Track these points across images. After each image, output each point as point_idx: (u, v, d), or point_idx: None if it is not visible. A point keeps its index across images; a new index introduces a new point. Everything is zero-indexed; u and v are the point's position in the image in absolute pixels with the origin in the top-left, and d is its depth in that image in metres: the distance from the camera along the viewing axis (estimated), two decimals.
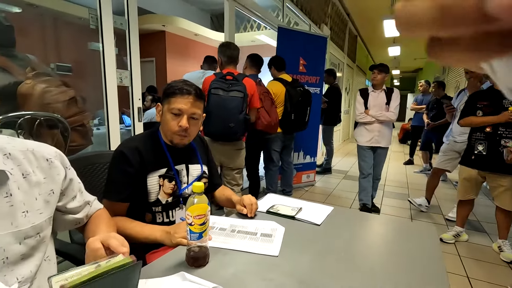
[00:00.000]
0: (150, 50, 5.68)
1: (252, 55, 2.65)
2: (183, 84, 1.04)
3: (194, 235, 0.72)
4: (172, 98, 1.02)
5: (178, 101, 1.01)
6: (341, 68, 7.02)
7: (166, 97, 1.04)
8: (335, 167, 5.05)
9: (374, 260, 0.82)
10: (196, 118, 1.06)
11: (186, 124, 1.01)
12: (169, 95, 1.03)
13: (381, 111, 2.75)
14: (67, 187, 0.74)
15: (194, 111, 1.04)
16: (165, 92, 1.05)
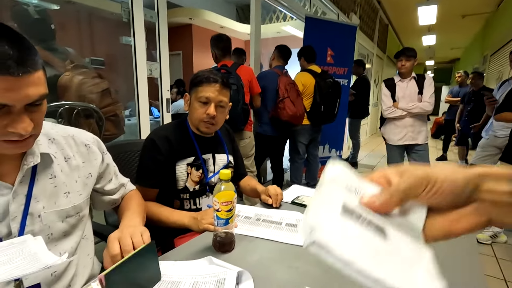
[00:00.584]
0: (177, 43, 5.80)
1: (281, 46, 2.62)
2: (210, 73, 1.06)
3: (220, 221, 0.74)
4: (199, 87, 1.04)
5: (205, 89, 1.03)
6: (370, 59, 6.75)
7: (194, 86, 1.06)
8: (361, 162, 4.91)
9: None
10: (223, 106, 1.08)
11: (213, 112, 1.03)
12: (196, 84, 1.05)
13: (413, 103, 2.45)
14: (104, 171, 0.78)
15: (221, 99, 1.05)
16: (192, 82, 1.08)
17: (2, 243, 0.54)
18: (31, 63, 0.49)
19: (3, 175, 0.58)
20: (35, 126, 0.53)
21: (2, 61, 0.46)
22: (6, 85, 0.47)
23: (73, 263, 0.69)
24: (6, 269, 0.47)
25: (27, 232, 0.59)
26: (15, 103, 0.49)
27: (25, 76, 0.48)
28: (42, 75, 0.53)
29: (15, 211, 0.58)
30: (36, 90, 0.51)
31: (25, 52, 0.49)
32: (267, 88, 2.49)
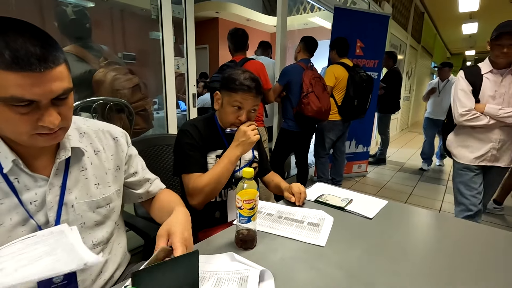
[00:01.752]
0: (203, 37, 5.87)
1: (307, 38, 2.55)
2: (244, 79, 1.03)
3: (243, 218, 0.75)
4: (234, 93, 1.03)
5: (240, 96, 1.03)
6: (403, 50, 6.40)
7: (228, 89, 1.05)
8: (390, 158, 4.72)
9: (433, 263, 0.75)
10: (254, 110, 1.09)
11: (245, 119, 1.06)
12: (231, 89, 1.03)
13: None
14: (126, 163, 0.80)
15: (254, 106, 1.07)
16: (226, 84, 1.05)
17: (43, 231, 0.59)
18: (53, 58, 0.51)
19: (40, 168, 0.62)
20: (63, 120, 0.56)
21: (25, 58, 0.48)
22: (30, 81, 0.49)
23: (106, 251, 0.73)
24: (48, 262, 0.51)
25: (63, 221, 0.64)
26: (41, 98, 0.51)
27: (47, 72, 0.50)
28: (64, 70, 0.54)
29: (51, 201, 0.62)
30: (59, 85, 0.53)
31: (47, 48, 0.50)
32: (292, 83, 2.45)
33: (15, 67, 0.47)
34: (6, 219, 0.58)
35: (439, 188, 3.45)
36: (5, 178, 0.58)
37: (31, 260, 0.50)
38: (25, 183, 0.60)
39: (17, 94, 0.49)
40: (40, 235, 0.57)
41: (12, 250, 0.53)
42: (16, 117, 0.51)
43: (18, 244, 0.54)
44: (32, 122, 0.52)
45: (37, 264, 0.50)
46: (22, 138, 0.54)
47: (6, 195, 0.58)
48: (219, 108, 1.11)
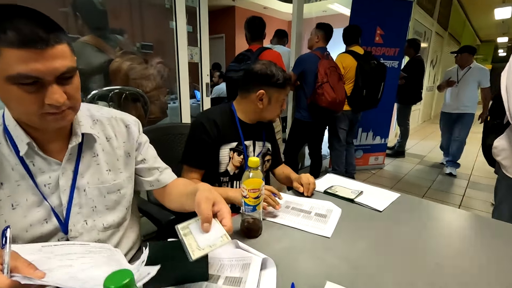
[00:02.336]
0: (219, 26, 5.84)
1: (325, 25, 2.46)
2: (284, 73, 1.12)
3: (248, 207, 0.76)
4: (282, 89, 1.11)
5: (286, 91, 1.14)
6: (427, 37, 6.08)
7: (277, 86, 1.10)
8: (410, 151, 4.57)
9: (442, 257, 0.73)
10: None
11: (285, 106, 1.18)
12: (280, 85, 1.10)
13: None
14: (137, 150, 0.82)
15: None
16: (274, 81, 1.08)
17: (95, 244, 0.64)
18: (54, 37, 0.53)
19: (54, 152, 0.66)
20: (69, 99, 0.58)
21: (28, 36, 0.50)
22: (33, 57, 0.51)
23: (118, 234, 0.77)
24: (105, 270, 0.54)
25: (75, 204, 0.67)
26: (45, 76, 0.53)
27: (49, 49, 0.52)
28: (67, 49, 0.56)
29: (64, 184, 0.66)
30: (62, 62, 0.55)
31: (49, 28, 0.53)
32: (307, 73, 2.40)
33: (19, 44, 0.50)
34: (22, 200, 0.62)
35: (460, 182, 3.32)
36: (21, 160, 0.61)
37: (93, 265, 0.56)
38: (39, 167, 0.63)
39: (23, 70, 0.51)
40: (93, 246, 0.63)
41: (75, 251, 0.58)
42: (25, 95, 0.54)
43: (77, 247, 0.60)
44: (39, 101, 0.55)
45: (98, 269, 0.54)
46: (33, 118, 0.57)
47: (23, 177, 0.62)
48: (265, 106, 1.12)
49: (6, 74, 0.51)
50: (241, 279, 0.59)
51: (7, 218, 0.61)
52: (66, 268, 0.52)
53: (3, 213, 0.60)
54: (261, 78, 1.08)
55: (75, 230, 0.67)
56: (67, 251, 0.57)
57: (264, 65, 1.10)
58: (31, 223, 0.62)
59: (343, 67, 2.60)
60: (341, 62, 2.61)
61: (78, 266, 0.53)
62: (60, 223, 0.65)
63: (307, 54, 2.48)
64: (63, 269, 0.52)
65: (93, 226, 0.70)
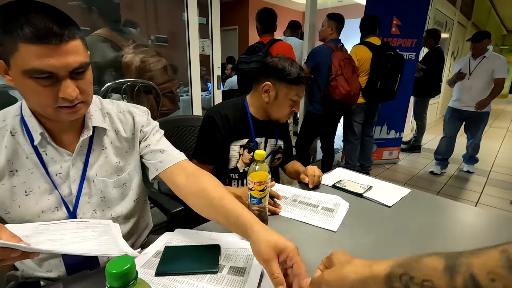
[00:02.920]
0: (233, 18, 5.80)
1: (337, 15, 2.39)
2: (300, 71, 1.06)
3: (254, 199, 0.76)
4: (294, 86, 1.05)
5: (299, 89, 1.07)
6: (449, 27, 5.82)
7: (287, 81, 1.04)
8: (426, 146, 4.44)
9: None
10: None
11: (299, 110, 1.12)
12: (291, 81, 1.04)
13: None
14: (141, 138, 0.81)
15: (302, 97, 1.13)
16: (284, 77, 1.04)
17: (94, 220, 0.69)
18: (67, 32, 0.55)
19: (66, 144, 0.68)
20: (82, 93, 0.60)
21: (43, 32, 0.52)
22: (47, 52, 0.53)
23: (128, 225, 0.79)
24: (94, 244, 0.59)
25: (84, 194, 0.70)
26: (59, 70, 0.55)
27: (62, 44, 0.54)
28: (80, 44, 0.58)
29: (74, 175, 0.68)
30: (75, 58, 0.56)
31: (63, 24, 0.54)
32: (321, 65, 2.36)
33: (34, 39, 0.52)
34: (35, 187, 0.65)
35: (478, 179, 3.21)
36: (35, 150, 0.65)
37: (84, 239, 0.60)
38: (52, 156, 0.66)
39: (38, 65, 0.53)
40: (91, 222, 0.66)
41: (70, 227, 0.63)
42: (40, 89, 0.56)
43: (74, 224, 0.64)
44: (54, 94, 0.57)
45: (87, 243, 0.59)
46: (48, 110, 0.60)
47: (36, 165, 0.65)
48: (272, 101, 1.08)
49: (23, 68, 0.54)
50: (245, 269, 0.60)
51: (21, 203, 0.64)
52: (54, 242, 0.56)
53: (17, 198, 0.64)
54: (271, 70, 1.06)
55: (85, 219, 0.70)
56: (62, 227, 0.61)
57: (278, 59, 1.07)
58: (43, 210, 0.66)
59: (357, 59, 2.53)
60: (355, 53, 2.55)
61: (68, 240, 0.57)
62: (68, 212, 0.68)
63: (320, 46, 2.43)
64: (51, 242, 0.56)
65: (102, 215, 0.73)
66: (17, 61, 0.53)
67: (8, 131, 0.64)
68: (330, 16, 2.40)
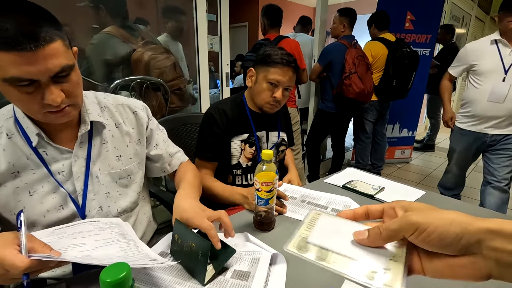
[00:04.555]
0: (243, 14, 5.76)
1: (348, 10, 2.32)
2: (284, 54, 1.02)
3: (260, 200, 0.74)
4: (272, 68, 1.01)
5: (278, 72, 1.01)
6: (466, 22, 5.62)
7: (265, 64, 1.02)
8: (440, 145, 4.31)
9: None
10: (289, 89, 1.06)
11: (281, 96, 1.03)
12: (268, 63, 1.01)
13: None
14: (148, 136, 0.83)
15: (290, 84, 1.04)
16: (263, 59, 1.03)
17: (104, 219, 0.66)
18: (44, 35, 0.50)
19: (65, 141, 0.67)
20: (68, 97, 0.57)
21: (15, 38, 0.48)
22: (24, 60, 0.49)
23: (131, 219, 0.79)
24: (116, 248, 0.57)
25: (89, 191, 0.69)
26: (39, 77, 0.52)
27: (39, 50, 0.50)
28: (60, 46, 0.53)
29: (77, 171, 0.68)
30: (55, 62, 0.52)
31: (39, 26, 0.50)
32: (334, 63, 2.31)
33: (8, 47, 0.48)
34: (39, 187, 0.64)
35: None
36: (34, 151, 0.63)
37: (105, 242, 0.57)
38: (52, 155, 0.65)
39: (16, 74, 0.50)
40: (103, 222, 0.64)
41: (85, 229, 0.60)
42: (24, 96, 0.53)
43: (87, 225, 0.62)
44: (38, 100, 0.54)
45: (112, 249, 0.56)
46: (37, 116, 0.58)
47: (37, 166, 0.64)
48: (252, 86, 1.08)
49: (2, 77, 0.51)
50: (249, 273, 0.58)
51: (25, 204, 0.64)
52: (79, 247, 0.54)
53: (21, 199, 0.63)
54: (255, 58, 1.06)
55: (90, 216, 0.70)
56: (78, 230, 0.59)
57: (266, 48, 1.06)
58: (48, 209, 0.65)
59: (371, 56, 2.47)
60: (370, 50, 2.48)
61: (90, 244, 0.55)
62: (77, 208, 0.68)
63: (333, 43, 2.38)
64: (76, 248, 0.54)
65: (108, 211, 0.72)
66: None
67: (4, 134, 0.62)
68: (341, 12, 2.33)
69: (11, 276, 0.46)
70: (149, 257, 0.54)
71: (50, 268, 0.49)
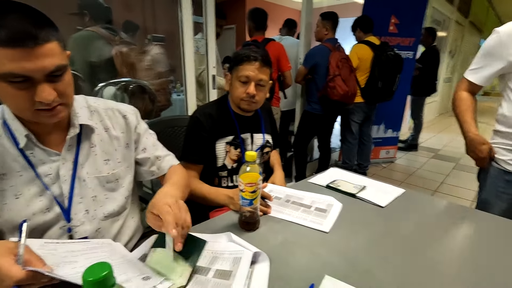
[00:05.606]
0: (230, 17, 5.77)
1: (330, 13, 2.37)
2: (250, 50, 1.05)
3: (245, 201, 0.75)
4: (239, 66, 1.04)
5: (245, 68, 1.03)
6: (446, 25, 5.82)
7: (234, 65, 1.06)
8: (423, 144, 4.45)
9: (443, 256, 0.71)
10: (263, 85, 1.07)
11: (253, 91, 1.04)
12: (237, 63, 1.05)
13: None
14: (136, 140, 0.83)
15: (261, 77, 1.04)
16: (233, 61, 1.08)
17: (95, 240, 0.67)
18: (43, 35, 0.53)
19: (53, 144, 0.67)
20: (60, 96, 0.59)
21: (15, 35, 0.50)
22: (22, 56, 0.51)
23: (118, 223, 0.78)
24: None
25: (76, 194, 0.69)
26: (34, 74, 0.54)
27: (37, 48, 0.52)
28: (56, 47, 0.56)
29: (64, 174, 0.67)
30: (51, 61, 0.55)
31: (38, 26, 0.53)
32: (318, 65, 2.35)
33: (8, 43, 0.50)
34: (25, 190, 0.64)
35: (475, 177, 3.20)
36: (22, 152, 0.63)
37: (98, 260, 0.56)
38: (40, 158, 0.65)
39: (11, 69, 0.52)
40: (94, 242, 0.65)
41: (77, 248, 0.60)
42: (16, 93, 0.55)
43: (79, 245, 0.62)
44: (30, 98, 0.56)
45: None
46: (26, 114, 0.59)
47: (24, 168, 0.64)
48: (230, 88, 1.11)
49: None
50: (230, 272, 0.59)
51: (11, 207, 0.63)
52: (72, 264, 0.54)
53: (6, 202, 0.63)
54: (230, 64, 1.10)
55: (77, 219, 0.69)
56: (70, 249, 0.59)
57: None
58: (34, 212, 0.64)
59: (358, 58, 2.53)
60: (356, 52, 2.54)
61: (82, 262, 0.55)
62: (63, 211, 0.67)
63: (318, 46, 2.42)
64: (68, 265, 0.53)
65: (94, 215, 0.72)
66: None
67: None
68: (323, 16, 2.38)
69: (4, 286, 0.46)
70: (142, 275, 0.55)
71: (41, 283, 0.49)
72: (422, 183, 2.97)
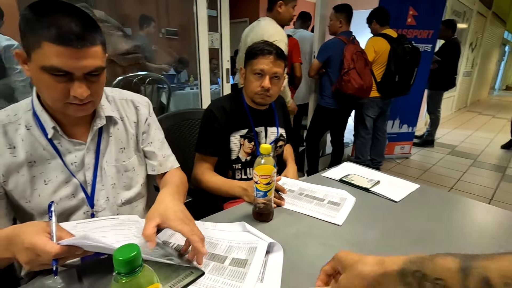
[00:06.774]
0: (244, 10, 5.74)
1: (344, 6, 2.31)
2: (264, 44, 1.06)
3: (259, 193, 0.77)
4: (254, 60, 1.06)
5: (260, 62, 1.04)
6: (467, 17, 5.59)
7: (249, 59, 1.08)
8: (440, 140, 4.34)
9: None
10: (277, 78, 1.08)
11: (268, 85, 1.05)
12: (251, 56, 1.07)
13: None
14: (144, 132, 0.85)
15: (276, 70, 1.05)
16: (247, 55, 1.09)
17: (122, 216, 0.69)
18: (91, 38, 0.58)
19: (77, 135, 0.72)
20: (92, 94, 0.63)
21: (67, 35, 0.55)
22: (68, 54, 0.56)
23: (136, 209, 0.83)
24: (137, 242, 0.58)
25: (98, 181, 0.74)
26: (75, 71, 0.59)
27: (84, 49, 0.57)
28: (99, 50, 0.61)
29: (88, 163, 0.72)
30: (92, 62, 0.60)
31: (87, 29, 0.58)
32: (332, 59, 2.32)
33: (59, 41, 0.55)
34: (53, 177, 0.69)
35: (494, 174, 3.12)
36: (50, 142, 0.68)
37: (126, 237, 0.61)
38: (66, 147, 0.70)
39: (57, 64, 0.57)
40: (122, 219, 0.68)
41: (105, 224, 0.64)
42: (54, 84, 0.59)
43: (107, 221, 0.66)
44: (65, 91, 0.60)
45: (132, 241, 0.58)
46: (57, 104, 0.63)
47: (53, 156, 0.69)
48: (244, 82, 1.12)
49: (42, 64, 0.57)
50: (246, 261, 0.61)
51: (41, 192, 0.68)
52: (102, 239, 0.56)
53: (37, 187, 0.68)
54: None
55: (99, 205, 0.74)
56: (100, 225, 0.63)
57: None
58: (61, 197, 0.69)
59: (375, 51, 2.48)
60: (372, 45, 2.49)
61: (111, 237, 0.59)
62: (87, 197, 0.72)
63: (332, 40, 2.39)
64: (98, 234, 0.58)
65: (113, 202, 0.77)
66: (38, 57, 0.56)
67: (23, 125, 0.67)
68: (336, 9, 2.33)
69: (41, 261, 0.50)
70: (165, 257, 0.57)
71: (76, 256, 0.53)
72: (438, 180, 2.91)
